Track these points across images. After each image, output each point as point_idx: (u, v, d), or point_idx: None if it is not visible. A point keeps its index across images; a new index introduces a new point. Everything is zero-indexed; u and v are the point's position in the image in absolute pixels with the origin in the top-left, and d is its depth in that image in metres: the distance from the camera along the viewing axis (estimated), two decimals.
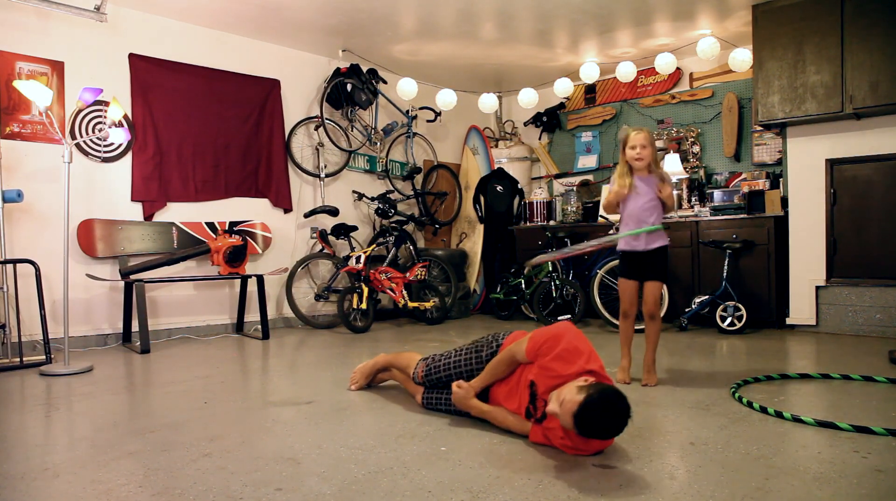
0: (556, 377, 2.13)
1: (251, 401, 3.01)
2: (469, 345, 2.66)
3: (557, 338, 2.19)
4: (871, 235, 4.69)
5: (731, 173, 5.88)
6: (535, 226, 6.53)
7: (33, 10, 4.43)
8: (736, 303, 4.91)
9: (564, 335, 2.20)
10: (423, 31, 5.48)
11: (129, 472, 2.00)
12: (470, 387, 2.47)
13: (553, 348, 2.17)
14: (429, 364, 2.71)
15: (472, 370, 2.55)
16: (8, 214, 4.25)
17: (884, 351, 3.96)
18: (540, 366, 2.19)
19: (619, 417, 1.95)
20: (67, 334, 3.83)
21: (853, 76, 4.58)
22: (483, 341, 2.62)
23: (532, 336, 2.29)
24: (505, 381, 2.41)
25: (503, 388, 2.41)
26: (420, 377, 2.72)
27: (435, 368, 2.68)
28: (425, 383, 2.72)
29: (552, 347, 2.17)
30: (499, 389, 2.43)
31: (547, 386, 2.15)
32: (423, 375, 2.71)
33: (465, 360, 2.60)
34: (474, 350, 2.60)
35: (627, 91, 6.63)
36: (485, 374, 2.45)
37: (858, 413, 2.59)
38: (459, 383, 2.50)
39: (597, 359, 2.18)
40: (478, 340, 2.66)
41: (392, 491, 1.81)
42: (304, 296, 5.76)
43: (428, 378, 2.69)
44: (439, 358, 2.70)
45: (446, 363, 2.65)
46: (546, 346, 2.19)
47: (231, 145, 5.48)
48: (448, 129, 7.30)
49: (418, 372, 2.74)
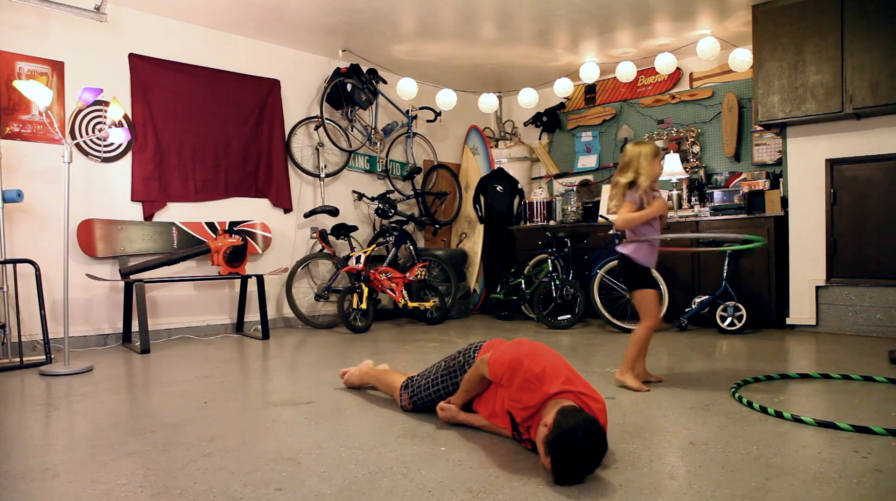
0: (526, 409, 2.04)
1: (251, 401, 3.01)
2: (444, 361, 2.60)
3: (514, 368, 2.07)
4: (871, 235, 4.69)
5: (731, 173, 5.88)
6: (535, 226, 6.52)
7: (33, 10, 4.43)
8: (736, 303, 4.91)
9: (521, 361, 2.07)
10: (423, 31, 5.48)
11: (129, 472, 2.00)
12: (452, 406, 2.44)
13: (513, 379, 2.06)
14: (412, 392, 2.65)
15: (456, 384, 2.49)
16: (8, 214, 4.25)
17: (884, 351, 3.96)
18: (508, 398, 2.12)
19: (588, 459, 1.81)
20: (67, 334, 3.83)
21: (853, 76, 4.58)
22: (457, 356, 2.54)
23: (491, 360, 2.18)
24: (483, 397, 2.37)
25: (484, 405, 2.36)
26: (408, 406, 2.67)
27: (417, 391, 2.63)
28: (413, 410, 2.66)
29: (511, 377, 2.07)
30: (480, 405, 2.39)
31: (522, 416, 2.08)
32: (410, 403, 2.66)
33: (442, 378, 2.54)
34: (450, 369, 2.53)
35: (627, 91, 6.63)
36: (461, 391, 2.41)
37: (858, 413, 2.59)
38: (441, 405, 2.48)
39: (558, 374, 2.04)
40: (452, 355, 2.59)
41: (392, 491, 1.81)
42: (304, 296, 5.76)
43: (415, 406, 2.64)
44: (419, 380, 2.65)
45: (426, 385, 2.60)
46: (506, 377, 2.09)
47: (231, 145, 5.48)
48: (448, 129, 7.30)
49: (405, 401, 2.68)
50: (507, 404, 2.15)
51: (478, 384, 2.33)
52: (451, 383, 2.52)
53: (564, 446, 1.79)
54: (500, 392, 2.24)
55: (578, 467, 1.81)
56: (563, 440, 1.80)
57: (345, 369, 3.23)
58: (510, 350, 2.17)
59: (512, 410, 2.12)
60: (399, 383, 2.75)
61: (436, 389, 2.56)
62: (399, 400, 2.72)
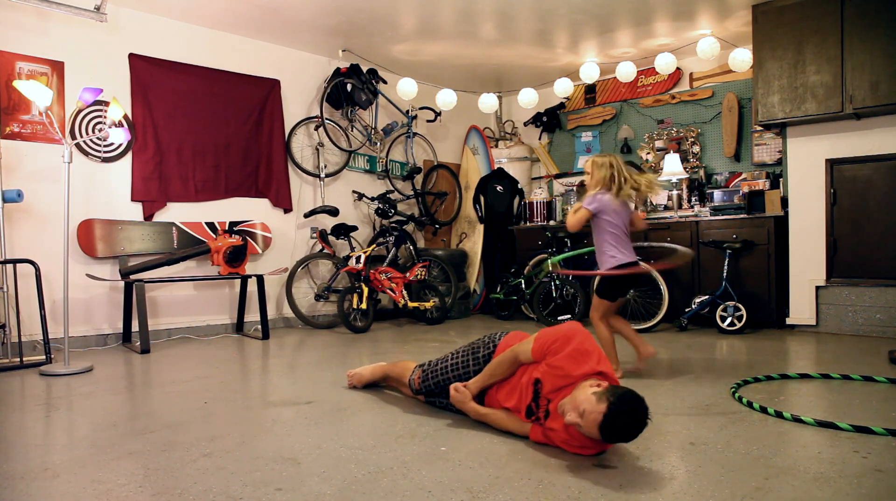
0: (564, 377, 2.11)
1: (251, 401, 3.01)
2: (465, 347, 2.64)
3: (568, 338, 2.17)
4: (871, 235, 4.69)
5: (731, 173, 5.88)
6: (535, 226, 6.52)
7: (33, 10, 4.43)
8: (736, 303, 4.91)
9: (575, 335, 2.17)
10: (423, 31, 5.48)
11: (129, 472, 2.00)
12: (467, 389, 2.46)
13: (563, 347, 2.15)
14: (425, 370, 2.69)
15: (470, 371, 2.54)
16: (8, 214, 4.25)
17: (884, 351, 3.96)
18: (548, 365, 2.17)
19: (642, 421, 1.95)
20: (67, 334, 3.83)
21: (853, 76, 4.58)
22: (479, 342, 2.61)
23: (539, 336, 2.26)
24: (505, 381, 2.39)
25: (504, 387, 2.39)
26: (417, 385, 2.70)
27: (432, 372, 2.66)
28: (423, 389, 2.70)
29: (562, 346, 2.15)
30: (497, 389, 2.42)
31: (553, 385, 2.14)
32: (420, 381, 2.69)
33: (462, 362, 2.58)
34: (471, 352, 2.58)
35: (627, 91, 6.63)
36: (483, 375, 2.43)
37: (858, 413, 2.59)
38: (456, 386, 2.49)
39: (606, 362, 2.16)
40: (474, 341, 2.64)
41: (392, 491, 1.81)
42: (304, 296, 5.76)
43: (425, 384, 2.67)
44: (436, 363, 2.69)
45: (443, 367, 2.63)
46: (556, 345, 2.17)
47: (231, 145, 5.47)
48: (448, 129, 7.29)
49: (415, 380, 2.72)
50: (541, 370, 2.20)
51: (508, 366, 2.36)
52: (464, 371, 2.56)
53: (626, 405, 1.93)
54: (528, 370, 2.29)
55: (634, 427, 1.95)
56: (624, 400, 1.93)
57: (353, 371, 3.22)
58: (563, 326, 2.26)
59: (546, 377, 2.17)
60: (412, 366, 2.82)
61: (454, 371, 2.59)
62: (409, 381, 2.76)
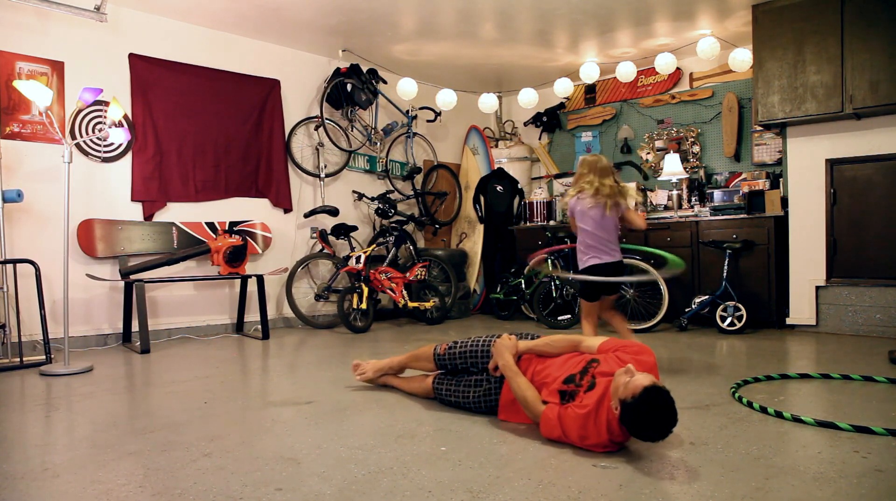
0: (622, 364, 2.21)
1: (251, 401, 3.01)
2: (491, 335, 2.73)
3: (643, 348, 2.33)
4: (870, 235, 4.69)
5: (731, 173, 5.88)
6: (535, 226, 6.52)
7: (33, 10, 4.43)
8: (736, 303, 4.91)
9: (649, 351, 2.33)
10: (423, 31, 5.48)
11: (129, 472, 2.01)
12: (517, 343, 2.53)
13: (637, 352, 2.30)
14: (452, 344, 2.79)
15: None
16: (8, 214, 4.25)
17: (884, 351, 3.96)
18: (617, 355, 2.29)
19: (670, 419, 1.99)
20: (67, 334, 3.83)
21: (853, 76, 4.58)
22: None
23: (611, 339, 2.42)
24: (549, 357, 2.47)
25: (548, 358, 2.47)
26: (443, 350, 2.78)
27: (462, 343, 2.75)
28: (446, 355, 2.76)
29: (636, 351, 2.30)
30: (538, 360, 2.48)
31: (609, 369, 2.21)
32: (447, 347, 2.78)
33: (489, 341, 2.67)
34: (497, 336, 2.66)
35: (627, 91, 6.63)
36: (538, 342, 2.53)
37: (858, 413, 2.60)
38: (507, 335, 2.57)
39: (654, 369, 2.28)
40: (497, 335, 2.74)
41: (392, 491, 1.81)
42: (304, 296, 5.76)
43: (450, 350, 2.75)
44: (467, 341, 2.76)
45: (473, 341, 2.71)
46: (630, 348, 2.33)
47: (231, 145, 5.47)
48: (448, 129, 7.29)
49: (441, 346, 2.81)
50: (604, 355, 2.32)
51: (564, 346, 2.47)
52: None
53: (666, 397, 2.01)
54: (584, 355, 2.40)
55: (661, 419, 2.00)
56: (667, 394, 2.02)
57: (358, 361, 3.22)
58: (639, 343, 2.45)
59: (606, 360, 2.27)
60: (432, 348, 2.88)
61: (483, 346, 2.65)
62: (434, 348, 2.83)
